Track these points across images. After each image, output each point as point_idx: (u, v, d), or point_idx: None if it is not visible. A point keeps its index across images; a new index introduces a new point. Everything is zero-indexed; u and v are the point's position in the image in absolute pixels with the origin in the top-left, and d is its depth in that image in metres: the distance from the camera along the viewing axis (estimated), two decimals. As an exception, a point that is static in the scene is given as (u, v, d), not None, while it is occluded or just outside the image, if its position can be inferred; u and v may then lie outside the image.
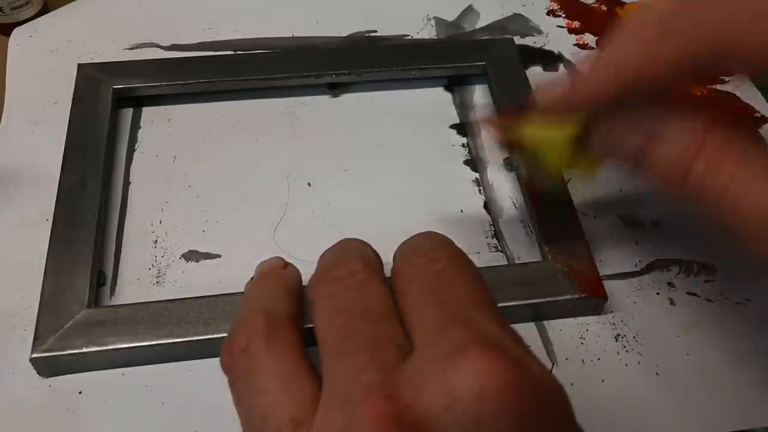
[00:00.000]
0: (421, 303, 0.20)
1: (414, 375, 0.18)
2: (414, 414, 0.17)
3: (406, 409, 0.17)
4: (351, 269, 0.22)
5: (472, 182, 0.36)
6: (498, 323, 0.19)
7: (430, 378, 0.18)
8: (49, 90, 0.38)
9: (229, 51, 0.41)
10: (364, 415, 0.17)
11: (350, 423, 0.17)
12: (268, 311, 0.22)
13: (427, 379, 0.18)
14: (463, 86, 0.40)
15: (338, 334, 0.20)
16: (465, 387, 0.17)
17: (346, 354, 0.19)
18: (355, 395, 0.18)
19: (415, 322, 0.20)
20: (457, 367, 0.17)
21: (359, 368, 0.19)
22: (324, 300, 0.22)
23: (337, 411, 0.18)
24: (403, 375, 0.18)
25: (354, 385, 0.18)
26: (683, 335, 0.31)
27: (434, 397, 0.17)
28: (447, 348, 0.18)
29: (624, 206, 0.35)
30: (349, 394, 0.18)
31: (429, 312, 0.20)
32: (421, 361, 0.19)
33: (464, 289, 0.21)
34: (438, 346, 0.18)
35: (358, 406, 0.17)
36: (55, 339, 0.28)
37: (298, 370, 0.20)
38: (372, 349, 0.19)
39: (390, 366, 0.19)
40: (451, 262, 0.22)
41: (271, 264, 0.26)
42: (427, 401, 0.17)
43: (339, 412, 0.18)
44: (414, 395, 0.18)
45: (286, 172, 0.36)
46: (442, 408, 0.17)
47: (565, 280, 0.30)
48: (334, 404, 0.18)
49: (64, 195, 0.32)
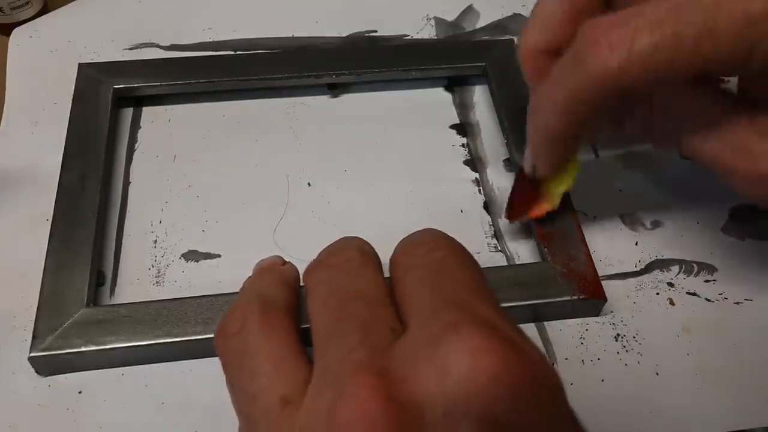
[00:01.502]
0: (418, 289, 0.20)
1: (405, 353, 0.18)
2: (405, 389, 0.17)
3: (396, 385, 0.17)
4: (347, 257, 0.22)
5: (472, 182, 0.36)
6: (493, 307, 0.19)
7: (422, 355, 0.18)
8: (49, 90, 0.38)
9: (229, 51, 0.41)
10: (353, 390, 0.17)
11: (339, 399, 0.17)
12: (264, 297, 0.22)
13: (419, 356, 0.18)
14: (463, 86, 0.40)
15: (331, 316, 0.20)
16: (456, 363, 0.17)
17: (337, 335, 0.19)
18: (344, 372, 0.18)
19: (410, 306, 0.20)
20: (449, 343, 0.17)
21: (350, 348, 0.19)
22: (318, 285, 0.22)
23: (327, 388, 0.18)
24: (394, 353, 0.18)
25: (344, 363, 0.18)
26: (683, 335, 0.31)
27: (426, 372, 0.17)
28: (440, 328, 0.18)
29: (624, 206, 0.35)
30: (339, 371, 0.18)
31: (424, 296, 0.20)
32: (413, 340, 0.19)
33: (461, 277, 0.21)
34: (431, 327, 0.18)
35: (347, 383, 0.17)
36: (54, 338, 0.28)
37: (291, 353, 0.20)
38: (365, 331, 0.19)
39: (382, 346, 0.19)
40: (450, 252, 0.22)
41: (269, 261, 0.26)
42: (419, 377, 0.17)
43: (328, 389, 0.18)
44: (405, 371, 0.17)
45: (286, 172, 0.36)
46: (434, 383, 0.17)
47: (564, 281, 0.30)
48: (323, 382, 0.18)
49: (64, 195, 0.32)
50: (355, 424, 0.17)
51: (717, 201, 0.35)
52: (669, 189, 0.36)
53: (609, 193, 0.36)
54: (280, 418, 0.19)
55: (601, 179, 0.36)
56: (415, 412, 0.17)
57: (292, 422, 0.18)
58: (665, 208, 0.35)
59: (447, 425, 0.17)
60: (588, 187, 0.36)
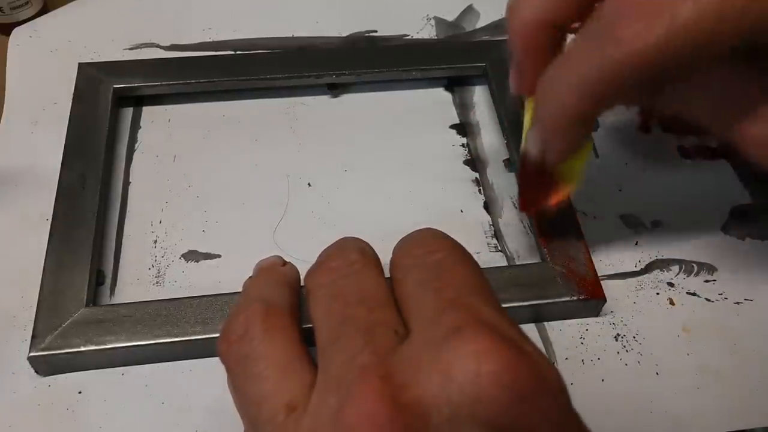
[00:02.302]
0: (419, 290, 0.20)
1: (410, 357, 0.18)
2: (409, 394, 0.17)
3: (401, 389, 0.17)
4: (348, 259, 0.22)
5: (472, 182, 0.36)
6: (495, 308, 0.19)
7: (426, 359, 0.18)
8: (49, 90, 0.38)
9: (229, 51, 0.41)
10: (358, 395, 0.17)
11: (345, 404, 0.17)
12: (266, 300, 0.22)
13: (422, 360, 0.18)
14: (463, 87, 0.40)
15: (334, 320, 0.20)
16: (461, 367, 0.17)
17: (341, 339, 0.19)
18: (349, 377, 0.18)
19: (412, 309, 0.20)
20: (452, 348, 0.17)
21: (354, 352, 0.19)
22: (320, 288, 0.22)
23: (332, 393, 0.18)
24: (398, 357, 0.18)
25: (349, 368, 0.18)
26: (683, 335, 0.31)
27: (429, 377, 0.17)
28: (443, 331, 0.18)
29: (624, 206, 0.35)
30: (344, 376, 0.18)
31: (426, 298, 0.20)
32: (417, 344, 0.19)
33: (462, 278, 0.21)
34: (434, 330, 0.18)
35: (352, 387, 0.17)
36: (54, 338, 0.28)
37: (295, 357, 0.20)
38: (368, 335, 0.19)
39: (386, 350, 0.19)
40: (450, 252, 0.22)
41: (270, 261, 0.26)
42: (423, 381, 0.17)
43: (333, 394, 0.18)
44: (409, 376, 0.17)
45: (286, 172, 0.36)
46: (438, 388, 0.17)
47: (563, 282, 0.30)
48: (328, 387, 0.18)
49: (64, 194, 0.32)
50: (362, 429, 0.17)
51: (717, 201, 0.35)
52: (669, 189, 0.36)
53: (609, 193, 0.36)
54: (286, 424, 0.19)
55: (601, 179, 0.36)
56: (420, 417, 0.17)
57: (298, 428, 0.18)
58: (665, 208, 0.35)
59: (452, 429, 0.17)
60: (588, 187, 0.36)
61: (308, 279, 0.23)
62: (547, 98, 0.25)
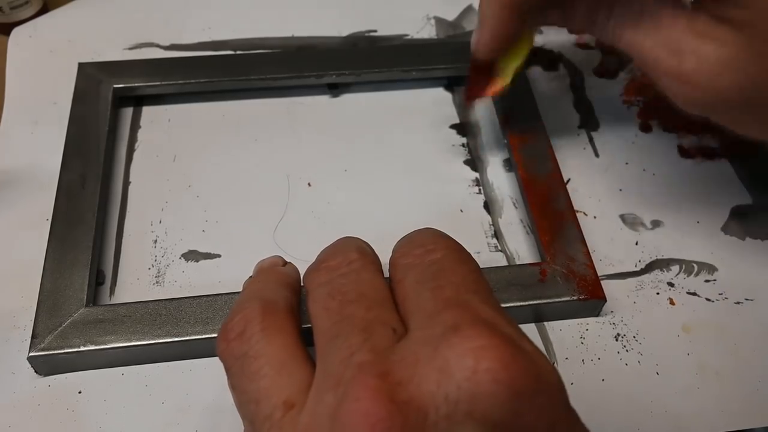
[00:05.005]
0: (418, 290, 0.20)
1: (407, 354, 0.18)
2: (406, 391, 0.17)
3: (398, 387, 0.17)
4: (347, 258, 0.22)
5: (472, 182, 0.36)
6: (493, 307, 0.19)
7: (423, 356, 0.18)
8: (49, 90, 0.38)
9: (228, 51, 0.41)
10: (355, 392, 0.17)
11: (342, 401, 0.17)
12: (265, 299, 0.22)
13: (420, 357, 0.18)
14: (463, 87, 0.40)
15: (332, 318, 0.20)
16: (458, 364, 0.17)
17: (339, 337, 0.19)
18: (347, 375, 0.18)
19: (410, 308, 0.20)
20: (450, 345, 0.17)
21: (352, 350, 0.19)
22: (319, 287, 0.22)
23: (329, 391, 0.18)
24: (396, 355, 0.18)
25: (346, 366, 0.18)
26: (683, 335, 0.31)
27: (427, 374, 0.17)
28: (441, 329, 0.18)
29: (624, 206, 0.35)
30: (341, 374, 0.18)
31: (424, 297, 0.20)
32: (414, 342, 0.19)
33: (461, 277, 0.21)
34: (432, 327, 0.18)
35: (349, 385, 0.17)
36: (53, 337, 0.28)
37: (293, 355, 0.20)
38: (366, 333, 0.19)
39: (383, 348, 0.19)
40: (449, 252, 0.22)
41: (270, 261, 0.26)
42: (420, 378, 0.17)
43: (331, 392, 0.18)
44: (407, 373, 0.17)
45: (286, 172, 0.36)
46: (435, 385, 0.17)
47: (563, 282, 0.30)
48: (326, 385, 0.18)
49: (64, 194, 0.32)
50: (359, 426, 0.17)
51: (717, 201, 0.35)
52: (669, 189, 0.36)
53: (609, 193, 0.36)
54: (283, 422, 0.19)
55: (601, 179, 0.36)
56: (417, 414, 0.17)
57: (295, 425, 0.18)
58: (665, 208, 0.35)
59: (450, 427, 0.17)
60: (588, 186, 0.36)
61: (307, 278, 0.23)
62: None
